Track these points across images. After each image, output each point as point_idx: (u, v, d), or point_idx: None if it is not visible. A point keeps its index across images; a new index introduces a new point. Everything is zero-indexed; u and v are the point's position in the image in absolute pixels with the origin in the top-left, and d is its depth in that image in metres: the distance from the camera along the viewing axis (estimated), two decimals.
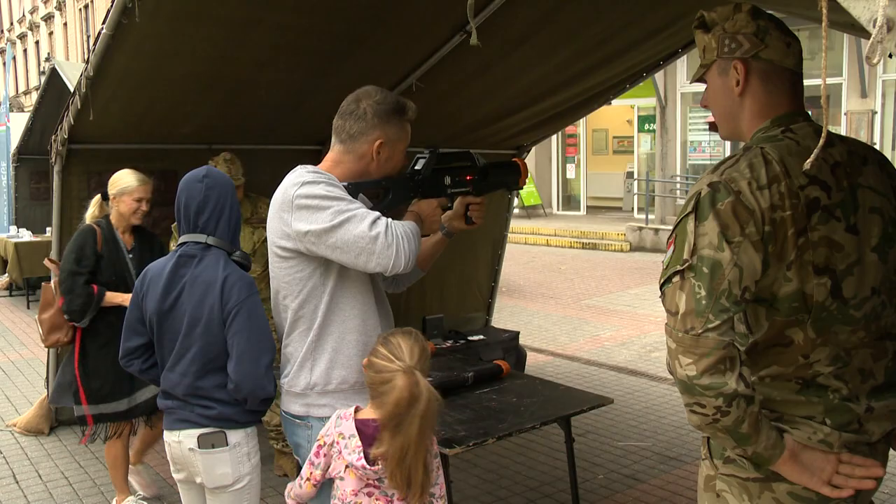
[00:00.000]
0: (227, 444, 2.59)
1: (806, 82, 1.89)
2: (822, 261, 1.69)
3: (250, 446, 2.66)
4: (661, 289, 1.73)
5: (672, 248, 1.71)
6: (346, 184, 2.30)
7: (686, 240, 1.67)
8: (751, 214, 1.65)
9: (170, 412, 2.66)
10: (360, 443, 2.17)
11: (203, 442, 2.57)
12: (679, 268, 1.66)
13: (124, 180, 4.03)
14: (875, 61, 0.93)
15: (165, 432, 2.69)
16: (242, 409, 2.60)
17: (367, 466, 2.14)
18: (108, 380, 3.97)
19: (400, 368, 2.13)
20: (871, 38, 0.92)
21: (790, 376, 1.74)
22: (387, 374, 2.14)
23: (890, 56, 1.00)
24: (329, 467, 2.24)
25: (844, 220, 1.71)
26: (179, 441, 2.62)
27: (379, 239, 2.16)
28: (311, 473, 2.26)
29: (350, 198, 2.24)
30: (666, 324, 1.70)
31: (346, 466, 2.20)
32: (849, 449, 1.73)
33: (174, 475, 2.77)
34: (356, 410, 2.26)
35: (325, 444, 2.24)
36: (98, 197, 4.20)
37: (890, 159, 1.91)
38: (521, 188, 2.84)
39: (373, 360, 2.20)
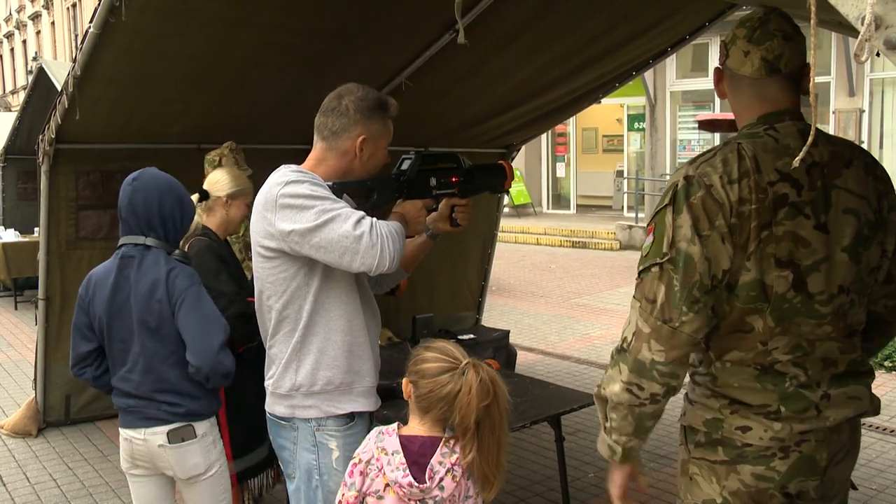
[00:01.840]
0: (196, 436, 2.66)
1: None
2: (785, 254, 1.77)
3: (214, 434, 2.75)
4: (639, 274, 1.85)
5: (651, 236, 1.83)
6: (330, 183, 2.28)
7: (665, 232, 1.79)
8: (720, 207, 1.75)
9: (132, 411, 2.67)
10: (404, 459, 2.05)
11: (173, 437, 2.63)
12: (659, 260, 1.79)
13: (239, 180, 3.46)
14: (863, 59, 0.94)
15: (125, 430, 2.69)
16: (207, 400, 2.68)
17: (415, 484, 2.02)
18: (252, 422, 3.19)
19: (455, 363, 2.02)
20: (860, 36, 0.92)
21: (749, 362, 1.83)
22: (447, 374, 2.01)
23: (877, 54, 1.01)
24: (364, 486, 2.08)
25: (814, 217, 1.79)
26: (145, 439, 2.64)
27: (363, 238, 2.15)
28: (343, 496, 2.10)
29: (334, 197, 2.23)
30: (640, 307, 1.82)
31: (387, 485, 2.05)
32: (802, 435, 1.82)
33: (129, 471, 2.77)
34: (398, 426, 2.13)
35: (361, 461, 2.10)
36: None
37: (877, 158, 1.97)
38: (507, 191, 2.84)
39: (423, 368, 2.05)
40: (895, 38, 0.88)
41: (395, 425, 2.13)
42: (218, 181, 3.44)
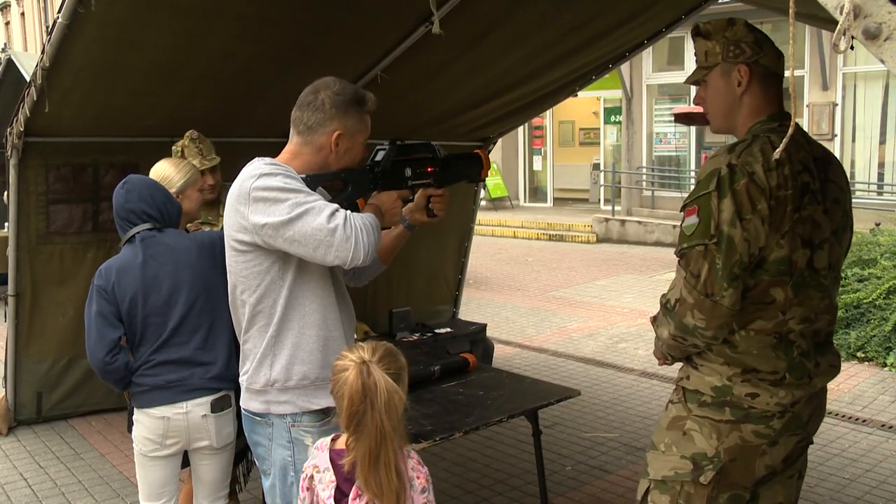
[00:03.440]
0: (231, 405, 2.88)
1: None
2: (807, 235, 2.03)
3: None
4: (682, 251, 2.04)
5: (695, 217, 2.00)
6: (304, 176, 2.25)
7: (711, 216, 1.97)
8: (762, 193, 1.95)
9: (173, 385, 2.79)
10: (333, 477, 2.02)
11: (215, 406, 2.84)
12: (707, 241, 1.98)
13: (184, 170, 3.32)
14: (842, 49, 0.93)
15: (161, 408, 2.79)
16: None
17: None
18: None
19: (353, 362, 1.98)
20: (839, 26, 0.91)
21: (770, 331, 2.05)
22: (341, 373, 1.99)
23: (852, 48, 1.01)
24: (312, 502, 2.08)
25: (822, 203, 2.07)
26: (187, 412, 2.80)
27: (337, 231, 2.13)
28: None
29: (308, 190, 2.20)
30: (685, 279, 2.03)
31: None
32: (797, 401, 2.07)
33: (154, 453, 2.84)
34: (334, 439, 2.10)
35: (306, 476, 2.09)
36: None
37: (850, 151, 2.23)
38: (483, 180, 2.83)
39: (333, 364, 2.06)
40: (873, 27, 0.87)
41: (328, 439, 2.10)
42: (165, 177, 3.25)
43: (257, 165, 2.23)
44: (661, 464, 2.16)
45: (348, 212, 2.19)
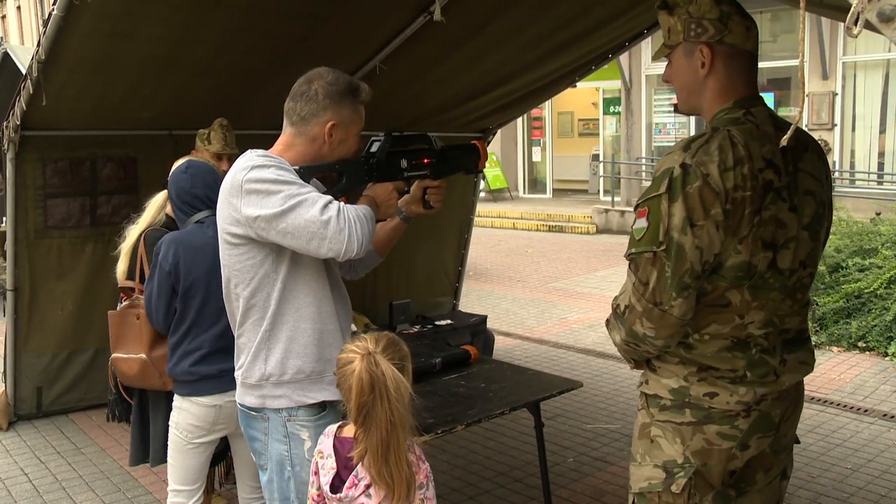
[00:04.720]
0: None
1: (769, 64, 2.00)
2: (769, 237, 1.88)
3: None
4: (631, 256, 1.90)
5: (645, 221, 1.86)
6: (297, 167, 2.23)
7: (661, 221, 1.83)
8: (716, 196, 1.80)
9: (225, 374, 2.76)
10: (334, 464, 2.03)
11: None
12: (655, 248, 1.84)
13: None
14: (855, 32, 0.91)
15: (212, 397, 2.86)
16: None
17: (330, 495, 2.00)
18: None
19: (358, 353, 1.99)
20: (853, 8, 0.89)
21: (727, 335, 1.93)
22: (346, 366, 2.00)
23: (855, 36, 0.99)
24: (319, 486, 2.11)
25: (789, 200, 1.90)
26: (234, 400, 2.79)
27: (330, 223, 2.10)
28: (310, 493, 2.12)
29: (301, 182, 2.18)
30: (634, 286, 1.91)
31: None
32: (763, 398, 1.96)
33: (200, 439, 2.94)
34: (341, 426, 2.10)
35: (314, 461, 2.13)
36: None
37: (850, 141, 2.07)
38: (481, 171, 2.80)
39: (338, 357, 2.08)
40: (888, 9, 0.85)
41: (335, 426, 2.11)
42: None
43: (250, 157, 2.21)
44: (638, 475, 2.07)
45: (342, 203, 2.17)
